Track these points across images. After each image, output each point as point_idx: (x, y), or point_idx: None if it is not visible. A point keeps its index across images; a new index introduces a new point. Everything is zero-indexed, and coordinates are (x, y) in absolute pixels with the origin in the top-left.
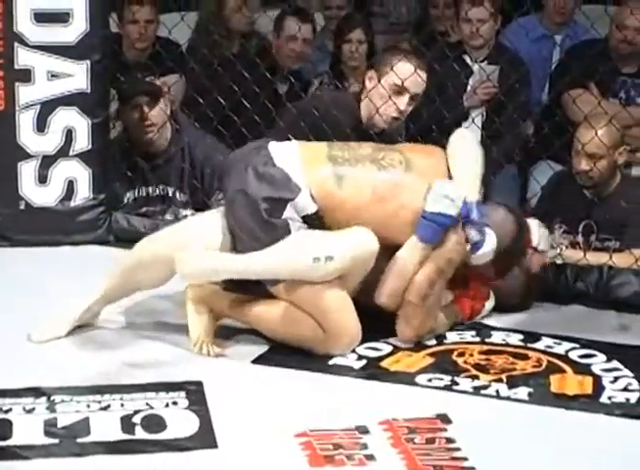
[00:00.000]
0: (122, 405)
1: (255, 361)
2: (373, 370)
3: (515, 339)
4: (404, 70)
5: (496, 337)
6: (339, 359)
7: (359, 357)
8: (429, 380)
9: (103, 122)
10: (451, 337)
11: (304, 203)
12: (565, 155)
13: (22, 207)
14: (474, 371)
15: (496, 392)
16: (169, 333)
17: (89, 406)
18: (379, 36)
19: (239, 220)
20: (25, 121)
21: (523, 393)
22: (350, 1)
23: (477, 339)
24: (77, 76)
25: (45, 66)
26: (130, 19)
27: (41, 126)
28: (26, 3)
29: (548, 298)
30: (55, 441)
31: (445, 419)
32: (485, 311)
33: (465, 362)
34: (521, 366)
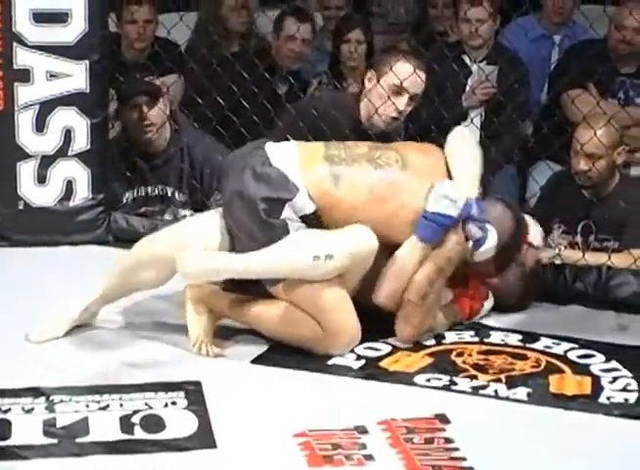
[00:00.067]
0: (121, 405)
1: (254, 361)
2: (372, 370)
3: (514, 339)
4: (403, 71)
5: (495, 337)
6: (338, 359)
7: (358, 357)
8: (427, 380)
9: (102, 122)
10: (450, 337)
11: (302, 203)
12: (564, 155)
13: (21, 207)
14: (472, 371)
15: (495, 392)
16: (168, 333)
17: (88, 406)
18: (377, 36)
19: (237, 221)
20: (24, 121)
21: (521, 393)
22: (349, 1)
23: (475, 339)
24: (76, 76)
25: (44, 66)
26: (129, 19)
27: (40, 126)
28: (25, 3)
29: (547, 298)
30: (54, 441)
31: (444, 419)
32: (484, 311)
33: (464, 362)
34: (519, 366)
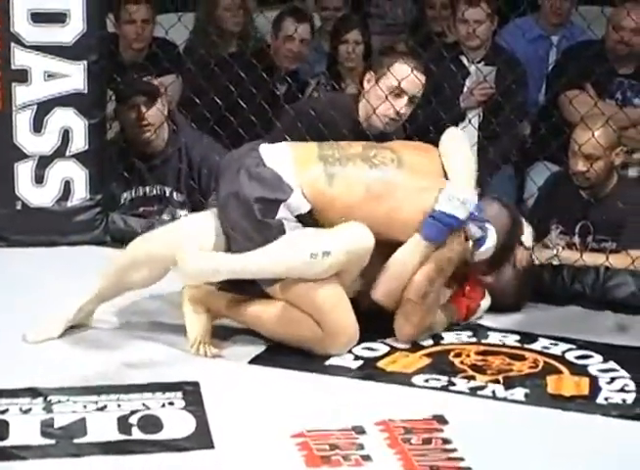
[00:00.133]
0: (119, 406)
1: (252, 362)
2: (370, 371)
3: (511, 340)
4: (402, 73)
5: (493, 338)
6: (335, 360)
7: (356, 358)
8: (425, 381)
9: (100, 123)
10: (448, 337)
11: (297, 203)
12: (561, 156)
13: (19, 207)
14: (470, 372)
15: (493, 392)
16: (166, 333)
17: (86, 407)
18: (375, 37)
19: (233, 222)
20: (22, 122)
21: (519, 393)
22: (347, 2)
23: (473, 339)
24: (74, 77)
25: (42, 66)
26: (127, 19)
27: (38, 127)
28: (23, 3)
29: (545, 298)
30: (51, 441)
31: (442, 420)
32: (481, 311)
33: (461, 363)
34: (517, 367)
